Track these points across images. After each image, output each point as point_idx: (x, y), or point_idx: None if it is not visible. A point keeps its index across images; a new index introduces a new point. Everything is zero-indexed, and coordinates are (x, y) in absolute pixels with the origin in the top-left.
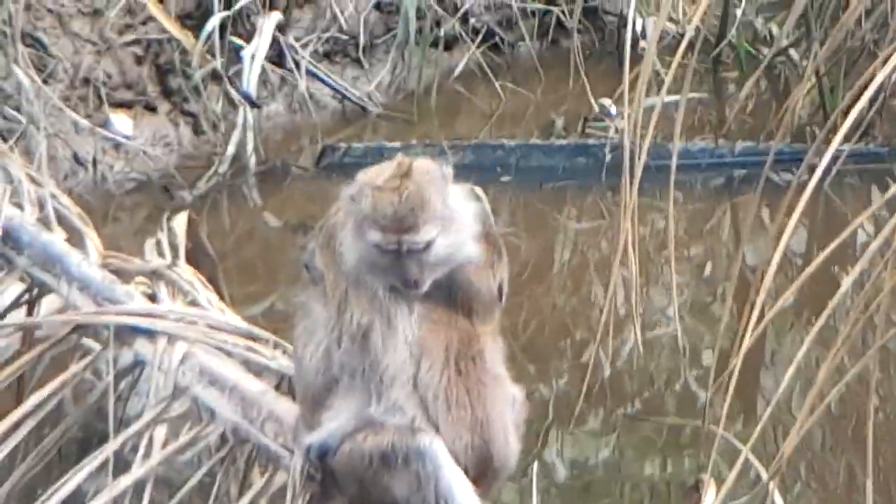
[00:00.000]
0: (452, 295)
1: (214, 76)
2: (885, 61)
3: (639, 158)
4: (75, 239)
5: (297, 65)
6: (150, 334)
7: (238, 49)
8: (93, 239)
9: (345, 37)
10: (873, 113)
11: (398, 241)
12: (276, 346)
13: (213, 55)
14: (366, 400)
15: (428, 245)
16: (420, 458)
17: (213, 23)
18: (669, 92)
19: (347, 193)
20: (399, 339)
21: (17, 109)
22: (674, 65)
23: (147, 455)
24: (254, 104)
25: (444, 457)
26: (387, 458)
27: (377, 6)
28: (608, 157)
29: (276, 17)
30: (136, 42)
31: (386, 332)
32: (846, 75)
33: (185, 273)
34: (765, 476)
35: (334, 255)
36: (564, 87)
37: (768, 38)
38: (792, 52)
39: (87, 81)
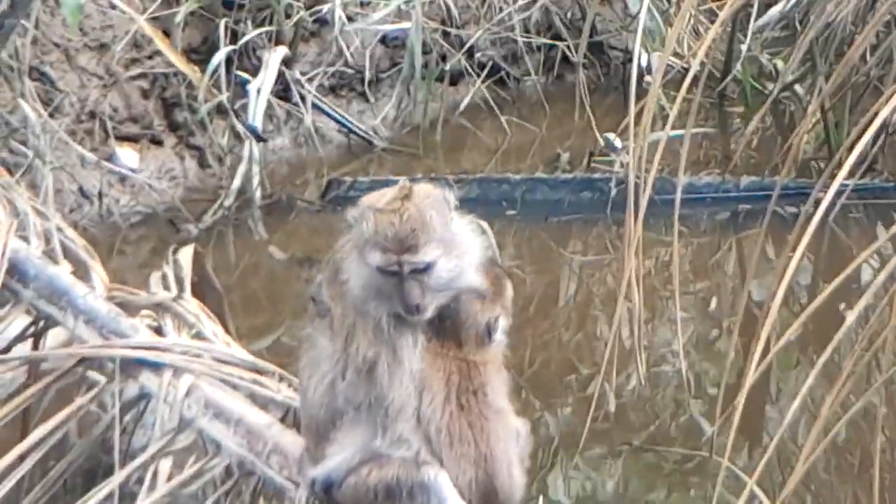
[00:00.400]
0: (443, 325)
1: (220, 110)
2: (889, 97)
3: (643, 192)
4: (81, 272)
5: (303, 99)
6: (156, 367)
7: (244, 83)
8: (99, 272)
9: (350, 71)
10: (878, 148)
11: (399, 262)
12: (281, 378)
13: (219, 89)
14: (371, 433)
15: (429, 267)
16: (425, 492)
17: (220, 57)
18: (675, 126)
19: (350, 216)
20: (405, 371)
21: (24, 143)
22: (678, 99)
23: (152, 488)
24: (259, 138)
25: (448, 490)
26: (391, 491)
27: (383, 41)
28: (613, 192)
29: (282, 51)
30: (143, 76)
31: (392, 365)
32: (851, 111)
33: (191, 306)
34: None
35: (341, 288)
36: (570, 122)
37: (773, 73)
38: (797, 87)
39: (93, 115)
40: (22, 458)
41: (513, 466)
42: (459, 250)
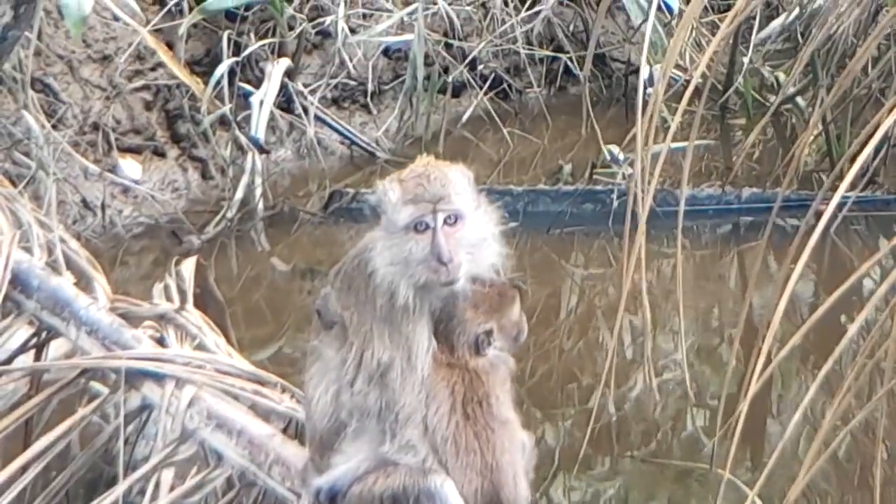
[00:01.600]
0: (437, 328)
1: (223, 122)
2: (891, 109)
3: (645, 204)
4: (84, 283)
5: (306, 111)
6: (158, 378)
7: (247, 95)
8: (101, 283)
9: (353, 83)
10: (879, 160)
11: (434, 210)
12: (283, 389)
13: (222, 101)
14: (379, 440)
15: (461, 217)
16: (431, 500)
17: (222, 69)
18: (676, 138)
19: (372, 199)
20: (417, 377)
21: (27, 154)
22: (680, 111)
23: (154, 498)
24: (262, 149)
25: (454, 499)
26: (398, 499)
27: (385, 53)
28: (615, 204)
29: (285, 63)
30: (146, 88)
31: (406, 369)
32: (853, 123)
33: (193, 317)
34: None
35: (357, 296)
36: (572, 134)
37: (775, 85)
38: (799, 99)
39: (96, 127)
40: (24, 468)
41: (518, 478)
42: (484, 219)
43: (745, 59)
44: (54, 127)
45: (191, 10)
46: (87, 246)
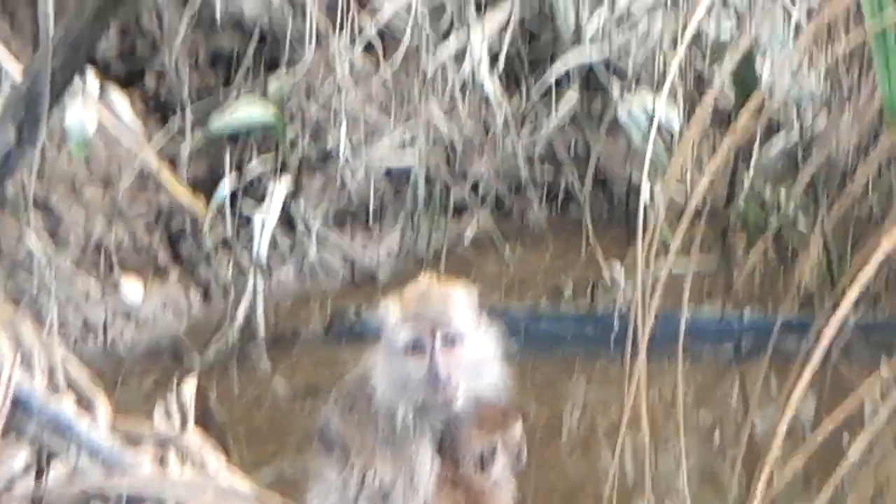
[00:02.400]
0: (441, 445)
1: (225, 241)
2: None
3: (645, 329)
4: (85, 405)
5: (308, 231)
6: (160, 501)
7: (249, 218)
8: (103, 405)
9: (355, 202)
10: (881, 282)
11: (432, 331)
12: None
13: (224, 220)
14: None
15: (459, 339)
16: None
17: (224, 191)
18: (679, 255)
19: (375, 318)
20: (419, 498)
21: (29, 275)
22: (679, 234)
23: None
24: (265, 271)
25: None
26: None
27: (387, 172)
28: (616, 326)
29: (287, 183)
30: (148, 208)
31: (408, 491)
32: (853, 244)
33: (194, 439)
34: None
35: (359, 417)
36: (573, 253)
37: (776, 204)
38: (799, 220)
39: (98, 248)
40: None
41: None
42: (484, 340)
43: (746, 180)
44: (56, 248)
45: (193, 128)
46: (88, 367)
